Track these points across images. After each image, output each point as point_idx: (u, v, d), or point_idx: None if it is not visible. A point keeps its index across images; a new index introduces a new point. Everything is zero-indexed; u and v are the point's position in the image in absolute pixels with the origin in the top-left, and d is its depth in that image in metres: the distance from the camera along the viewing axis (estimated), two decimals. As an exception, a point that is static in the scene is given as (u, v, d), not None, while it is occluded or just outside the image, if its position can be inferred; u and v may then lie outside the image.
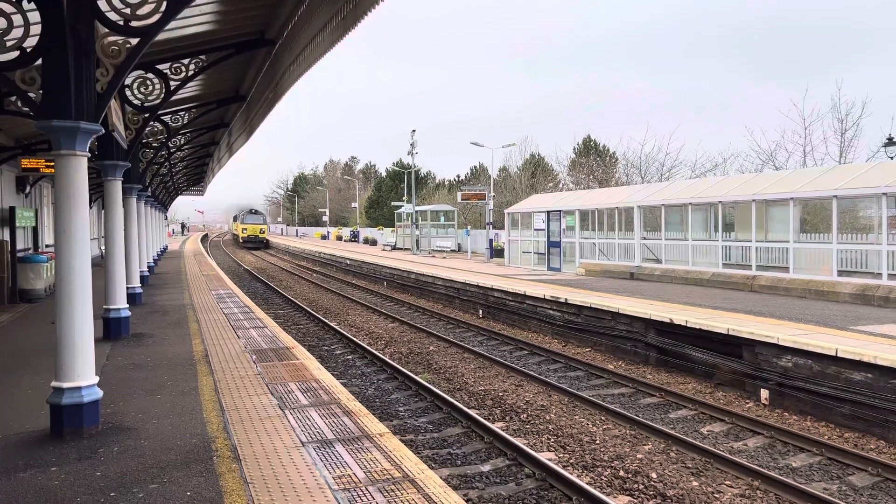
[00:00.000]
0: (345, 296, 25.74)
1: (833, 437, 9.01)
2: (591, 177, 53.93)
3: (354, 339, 15.70)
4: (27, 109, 6.26)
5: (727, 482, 7.44)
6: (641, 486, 7.30)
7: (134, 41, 6.49)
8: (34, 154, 16.61)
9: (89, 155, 6.38)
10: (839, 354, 9.45)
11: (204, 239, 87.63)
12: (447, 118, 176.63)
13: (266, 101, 15.00)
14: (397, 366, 12.69)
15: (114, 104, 9.99)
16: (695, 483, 7.39)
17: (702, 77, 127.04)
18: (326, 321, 18.54)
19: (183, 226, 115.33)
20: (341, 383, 9.18)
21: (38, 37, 6.12)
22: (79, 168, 6.21)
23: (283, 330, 12.59)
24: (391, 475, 5.12)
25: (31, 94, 6.31)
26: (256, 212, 77.95)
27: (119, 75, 6.47)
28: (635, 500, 6.97)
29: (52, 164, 6.48)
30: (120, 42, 6.45)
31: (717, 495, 7.06)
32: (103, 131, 6.68)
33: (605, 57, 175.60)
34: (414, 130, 44.41)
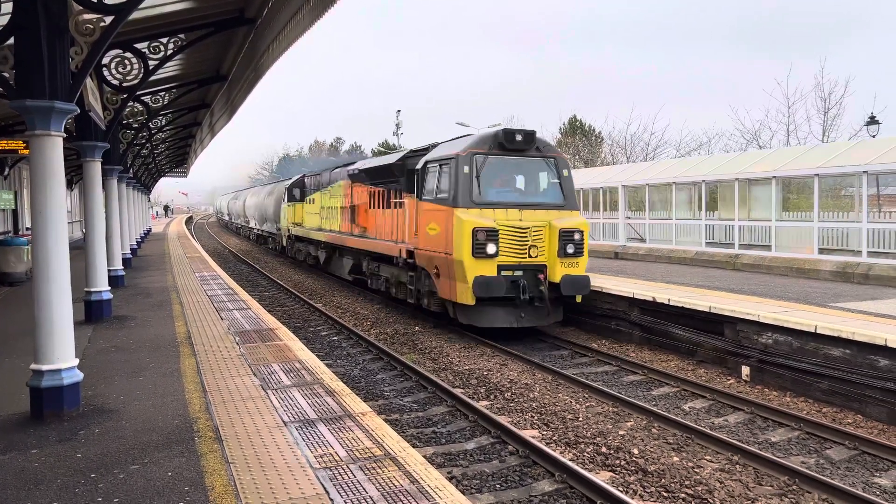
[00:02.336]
0: (330, 277, 25.67)
1: (812, 412, 9.14)
2: (577, 156, 53.96)
3: (340, 320, 15.69)
4: (1, 89, 6.15)
5: (707, 457, 7.54)
6: (623, 462, 7.38)
7: (108, 19, 6.40)
8: (12, 135, 16.37)
9: (65, 135, 6.30)
10: (818, 331, 9.57)
11: (188, 221, 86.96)
12: (433, 99, 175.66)
13: (247, 81, 14.85)
14: (383, 346, 12.71)
15: (91, 84, 9.85)
16: (675, 458, 7.48)
17: (689, 57, 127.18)
18: (312, 303, 18.51)
19: (166, 208, 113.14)
20: (326, 364, 9.22)
21: (9, 15, 6.01)
22: (54, 148, 6.13)
23: (268, 311, 12.57)
24: (373, 453, 5.15)
25: (5, 73, 6.21)
26: (545, 149, 13.95)
27: (94, 54, 6.37)
28: (617, 476, 7.05)
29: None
30: (94, 20, 6.35)
31: (697, 470, 7.16)
32: (78, 111, 6.59)
33: (594, 40, 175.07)
34: (399, 111, 44.17)
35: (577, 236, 13.05)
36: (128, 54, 10.11)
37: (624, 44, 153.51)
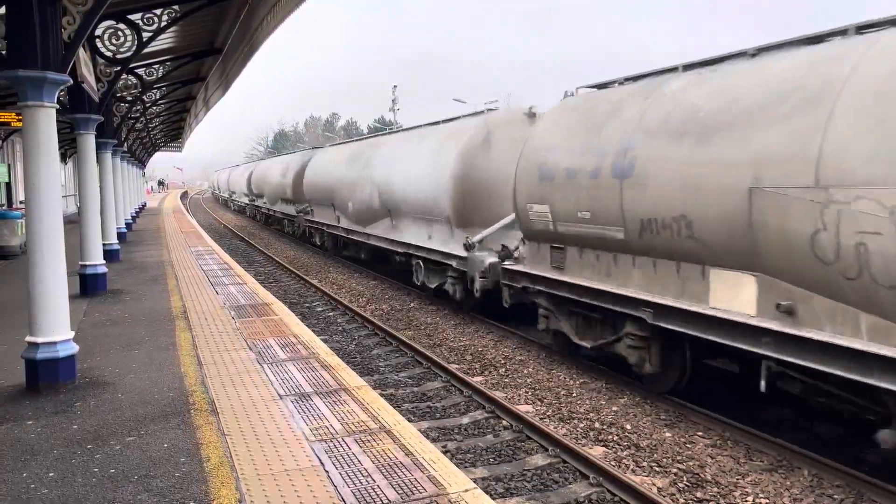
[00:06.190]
0: (326, 254, 25.65)
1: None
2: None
3: (335, 296, 15.71)
4: (-8, 60, 6.11)
5: (699, 433, 7.61)
6: (616, 438, 7.45)
7: (101, -12, 6.30)
8: (4, 108, 16.22)
9: (57, 107, 6.24)
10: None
11: (183, 196, 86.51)
12: (433, 76, 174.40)
13: (242, 54, 14.71)
14: (378, 322, 12.74)
15: (84, 55, 9.74)
16: (668, 434, 7.55)
17: (701, 34, 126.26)
18: (307, 278, 18.51)
19: (160, 182, 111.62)
20: (322, 340, 9.23)
21: (0, -17, 5.92)
22: (47, 120, 6.09)
23: (263, 287, 12.57)
24: (368, 426, 5.18)
25: (-4, 43, 6.13)
26: None
27: (86, 24, 6.29)
28: (609, 451, 7.12)
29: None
30: (86, -11, 6.26)
31: (688, 446, 7.23)
32: (71, 82, 6.52)
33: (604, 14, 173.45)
34: (395, 86, 43.90)
35: None
36: (121, 25, 9.98)
37: (629, 18, 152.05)
